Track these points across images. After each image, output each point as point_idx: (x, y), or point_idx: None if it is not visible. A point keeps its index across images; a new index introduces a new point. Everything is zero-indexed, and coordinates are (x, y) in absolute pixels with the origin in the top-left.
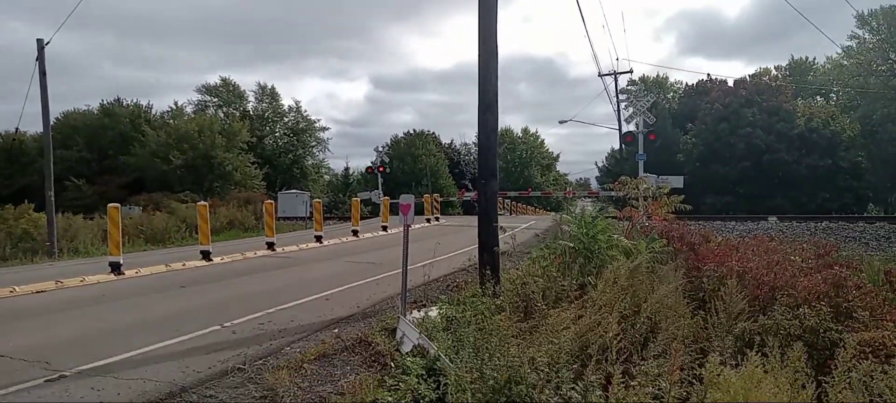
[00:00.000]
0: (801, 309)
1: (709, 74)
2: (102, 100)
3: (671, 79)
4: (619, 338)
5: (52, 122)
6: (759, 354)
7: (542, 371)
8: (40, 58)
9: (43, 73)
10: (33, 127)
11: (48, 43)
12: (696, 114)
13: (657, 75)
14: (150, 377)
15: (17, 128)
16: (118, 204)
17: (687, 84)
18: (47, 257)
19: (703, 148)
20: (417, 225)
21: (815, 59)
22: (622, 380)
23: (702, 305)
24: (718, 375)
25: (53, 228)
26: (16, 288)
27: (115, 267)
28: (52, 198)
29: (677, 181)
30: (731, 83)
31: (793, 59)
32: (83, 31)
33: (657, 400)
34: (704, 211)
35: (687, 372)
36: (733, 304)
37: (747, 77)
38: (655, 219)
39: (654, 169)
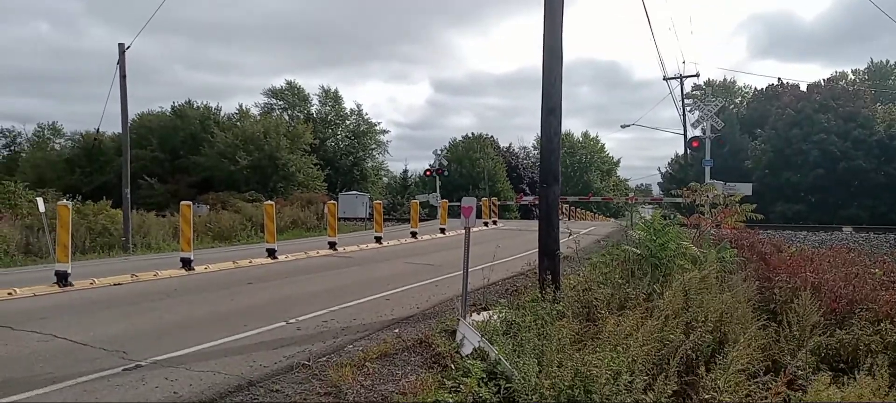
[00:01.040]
0: (882, 325)
1: (780, 79)
2: (174, 103)
3: (740, 83)
4: (690, 349)
5: (129, 123)
6: (839, 372)
7: (612, 379)
8: (121, 61)
9: (123, 76)
10: (111, 127)
11: (129, 47)
12: (766, 120)
13: (725, 79)
14: (219, 369)
15: (97, 129)
16: (190, 203)
17: (756, 88)
18: (123, 252)
19: (773, 154)
20: (475, 229)
21: None
22: (690, 391)
23: (773, 317)
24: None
25: (129, 224)
26: (95, 280)
27: (186, 263)
28: (129, 196)
29: (746, 188)
30: (804, 88)
31: (872, 62)
32: (158, 36)
33: None
34: (774, 219)
35: (760, 385)
36: (808, 317)
37: (822, 81)
38: (725, 228)
39: (721, 175)
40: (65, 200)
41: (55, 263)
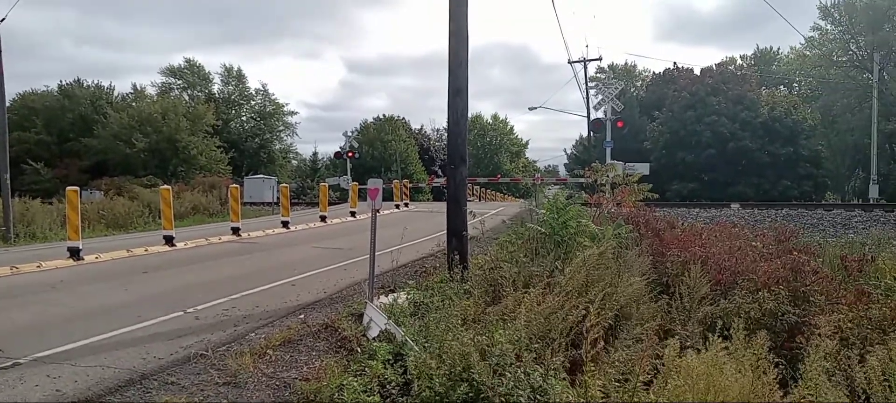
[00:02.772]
0: (760, 294)
1: (675, 63)
2: (61, 81)
3: (640, 67)
4: (582, 323)
5: (8, 103)
6: (722, 337)
7: (497, 356)
8: None
9: None
10: None
11: (3, 19)
12: (664, 103)
13: (626, 63)
14: (109, 364)
15: None
16: (77, 188)
17: (654, 72)
18: (3, 242)
19: (669, 135)
20: (386, 211)
21: (779, 49)
22: (586, 364)
23: (666, 290)
24: (678, 360)
25: (9, 212)
26: None
27: (74, 253)
28: (8, 182)
29: (644, 168)
30: (697, 72)
31: (758, 48)
32: (43, 7)
33: (623, 384)
34: (670, 197)
35: (651, 356)
36: (697, 289)
37: (714, 66)
38: (625, 206)
39: (622, 156)
40: None
41: None
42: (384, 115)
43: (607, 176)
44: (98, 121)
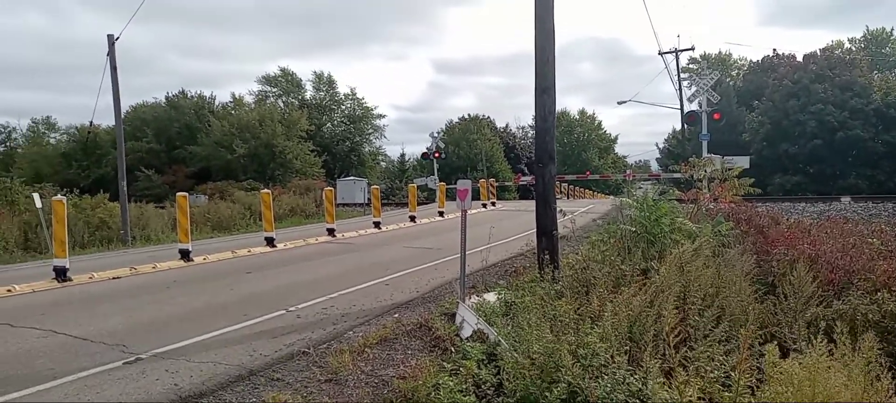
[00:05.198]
0: (879, 294)
1: (775, 50)
2: (168, 93)
3: (735, 56)
4: (679, 323)
5: (122, 116)
6: (828, 341)
7: (589, 357)
8: (111, 53)
9: (114, 69)
10: (105, 120)
11: (118, 38)
12: (763, 92)
13: (720, 52)
14: (220, 360)
15: (91, 122)
16: (186, 194)
17: (752, 61)
18: (121, 244)
19: (770, 126)
20: (474, 211)
21: (892, 30)
22: (683, 366)
23: (771, 290)
24: (779, 365)
25: (126, 217)
26: (94, 274)
27: (185, 254)
28: (125, 189)
29: (744, 161)
30: (800, 58)
31: (868, 30)
32: (150, 24)
33: (725, 389)
34: (771, 192)
35: (752, 359)
36: (804, 289)
37: (818, 51)
38: (722, 202)
39: (718, 149)
40: (60, 195)
41: (53, 259)
42: (469, 115)
43: (704, 170)
44: (201, 130)
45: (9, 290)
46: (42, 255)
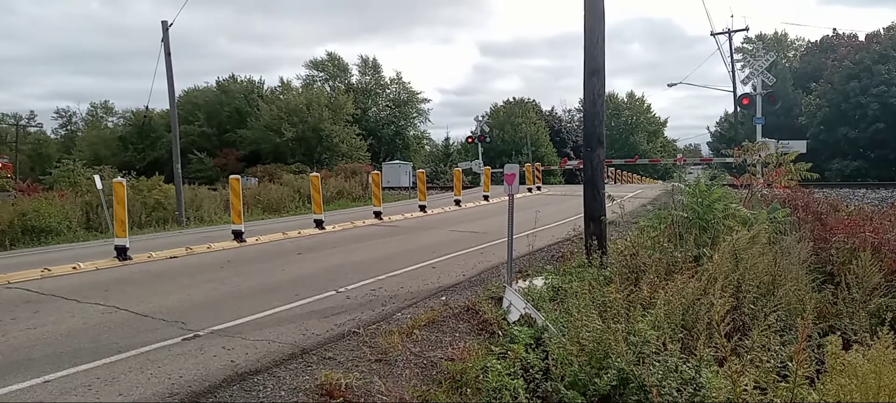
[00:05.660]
0: None
1: (835, 29)
2: (218, 77)
3: (792, 36)
4: (733, 311)
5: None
6: (894, 334)
7: (640, 344)
8: (165, 39)
9: (168, 54)
10: (159, 104)
11: (172, 24)
12: (822, 73)
13: (776, 32)
14: (273, 338)
15: (147, 106)
16: (239, 177)
17: (810, 41)
18: (176, 225)
19: (828, 109)
20: (519, 195)
21: None
22: (735, 355)
23: (829, 279)
24: (841, 357)
25: (181, 199)
26: (152, 254)
27: (238, 235)
28: (180, 171)
29: (800, 146)
30: (862, 38)
31: None
32: (202, 9)
33: (782, 379)
34: (830, 178)
35: (810, 350)
36: (868, 278)
37: (881, 30)
38: (777, 187)
39: (773, 133)
40: (120, 177)
41: (114, 238)
42: (515, 98)
43: (758, 155)
44: (251, 114)
45: (74, 267)
46: (102, 235)
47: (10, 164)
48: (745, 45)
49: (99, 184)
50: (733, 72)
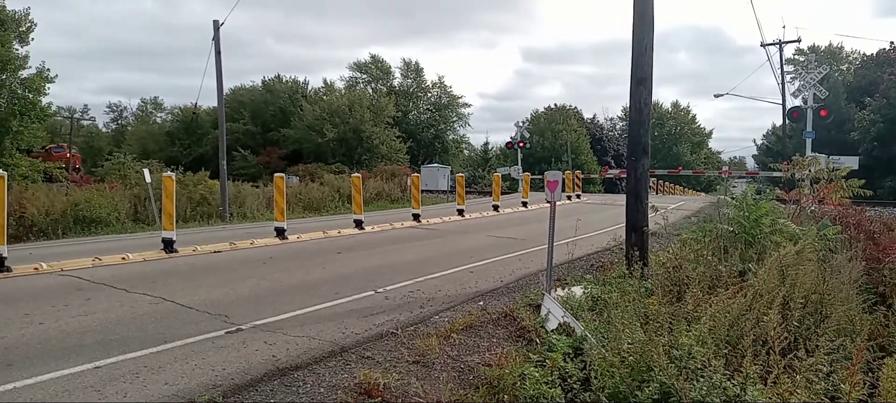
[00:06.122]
0: None
1: (892, 42)
2: (264, 77)
3: (847, 49)
4: (781, 329)
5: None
6: None
7: (685, 359)
8: (216, 38)
9: (218, 53)
10: (206, 101)
11: (223, 23)
12: (877, 88)
13: (830, 44)
14: (314, 335)
15: (195, 103)
16: (283, 175)
17: (865, 54)
18: (220, 220)
19: (883, 125)
20: (558, 202)
21: None
22: (785, 375)
23: (881, 300)
24: None
25: (226, 194)
26: (197, 247)
27: (280, 232)
28: (225, 167)
29: (852, 161)
30: None
31: None
32: (251, 10)
33: (832, 402)
34: (883, 196)
35: (861, 372)
36: None
37: None
38: (828, 204)
39: (823, 148)
40: (168, 171)
41: (162, 230)
42: (556, 104)
43: (808, 170)
44: (295, 113)
45: (123, 258)
46: (149, 227)
47: (79, 155)
48: (796, 56)
49: (148, 178)
50: (783, 84)
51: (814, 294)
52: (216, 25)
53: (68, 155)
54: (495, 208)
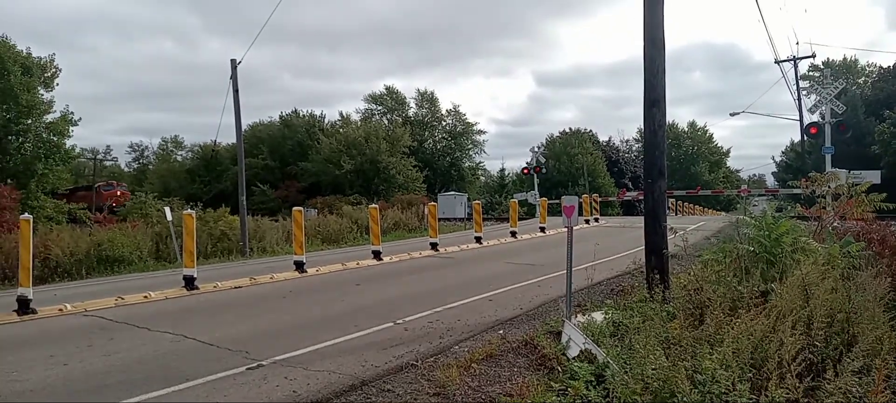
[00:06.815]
0: None
1: None
2: (281, 112)
3: (863, 62)
4: (805, 350)
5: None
6: None
7: (708, 384)
8: (234, 76)
9: (236, 91)
10: (225, 138)
11: (240, 62)
12: (895, 100)
13: (845, 58)
14: (334, 369)
15: (214, 141)
16: (301, 209)
17: (881, 67)
18: (240, 256)
19: None
20: (576, 227)
21: None
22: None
23: None
24: None
25: (245, 230)
26: (218, 284)
27: (299, 266)
28: (245, 203)
29: (874, 176)
30: None
31: None
32: (268, 46)
33: None
34: None
35: (892, 393)
36: None
37: None
38: (850, 220)
39: (843, 163)
40: (188, 209)
41: (183, 268)
42: (571, 128)
43: (828, 186)
44: (312, 147)
45: (145, 297)
46: (170, 264)
47: (128, 192)
48: (811, 72)
49: (169, 216)
50: (799, 100)
51: (839, 313)
52: (234, 64)
53: (118, 193)
54: (513, 234)
